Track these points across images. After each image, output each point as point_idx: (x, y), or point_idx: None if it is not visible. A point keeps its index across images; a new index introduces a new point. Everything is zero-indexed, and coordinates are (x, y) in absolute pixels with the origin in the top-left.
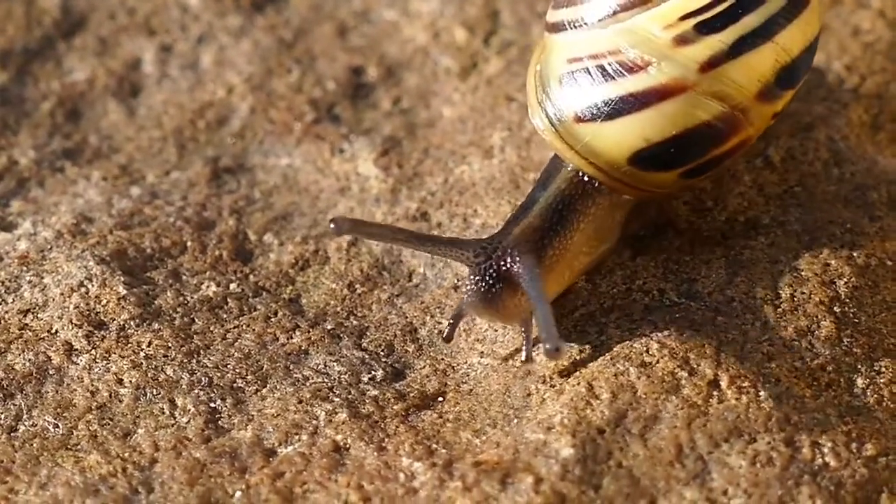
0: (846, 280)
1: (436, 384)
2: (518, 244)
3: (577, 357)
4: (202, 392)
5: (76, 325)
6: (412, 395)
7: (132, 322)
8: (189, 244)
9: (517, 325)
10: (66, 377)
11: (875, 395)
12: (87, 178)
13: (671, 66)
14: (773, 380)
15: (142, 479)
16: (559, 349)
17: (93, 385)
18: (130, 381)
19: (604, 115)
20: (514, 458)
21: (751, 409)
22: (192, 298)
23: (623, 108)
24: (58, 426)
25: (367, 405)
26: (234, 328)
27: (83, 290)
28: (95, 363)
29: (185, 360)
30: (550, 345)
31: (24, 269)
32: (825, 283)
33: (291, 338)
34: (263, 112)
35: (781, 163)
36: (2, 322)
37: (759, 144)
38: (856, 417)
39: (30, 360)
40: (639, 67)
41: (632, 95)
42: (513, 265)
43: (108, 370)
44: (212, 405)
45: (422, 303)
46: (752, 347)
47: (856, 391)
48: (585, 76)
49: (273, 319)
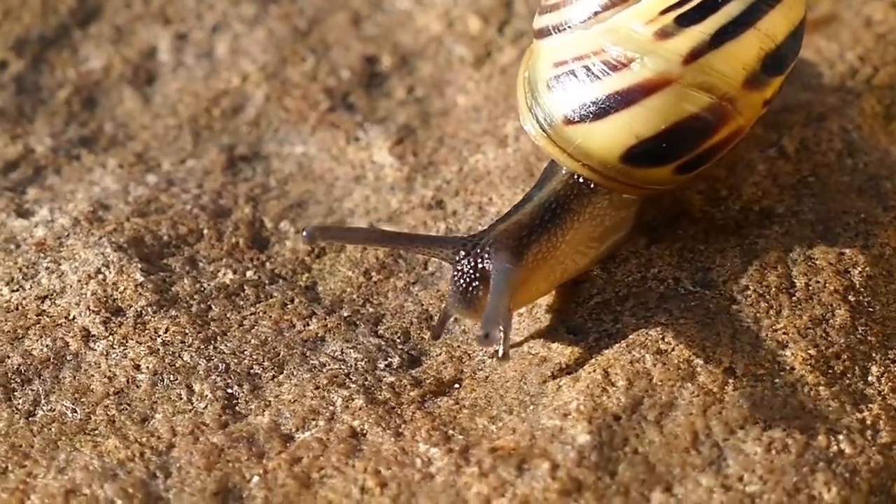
0: (860, 269)
1: (452, 371)
2: (497, 241)
3: (593, 344)
4: (219, 378)
5: (93, 312)
6: (428, 382)
7: (149, 308)
8: (205, 232)
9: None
10: (84, 363)
11: (889, 384)
12: (103, 166)
13: (654, 61)
14: (788, 368)
15: (159, 464)
16: (489, 336)
17: (110, 371)
18: (148, 367)
19: (592, 116)
20: (531, 445)
21: (766, 397)
22: (209, 285)
23: (611, 107)
24: (76, 411)
25: (384, 391)
26: (251, 315)
27: (100, 277)
28: (113, 349)
29: (203, 347)
30: (483, 330)
31: (42, 256)
32: (839, 272)
33: (308, 325)
34: (278, 100)
35: (795, 153)
36: (19, 308)
37: (773, 135)
38: (870, 405)
39: (47, 346)
40: (622, 65)
41: (618, 93)
42: (488, 262)
43: (126, 356)
44: (229, 391)
45: (437, 291)
46: (767, 335)
47: (870, 379)
48: (571, 78)
49: (289, 306)
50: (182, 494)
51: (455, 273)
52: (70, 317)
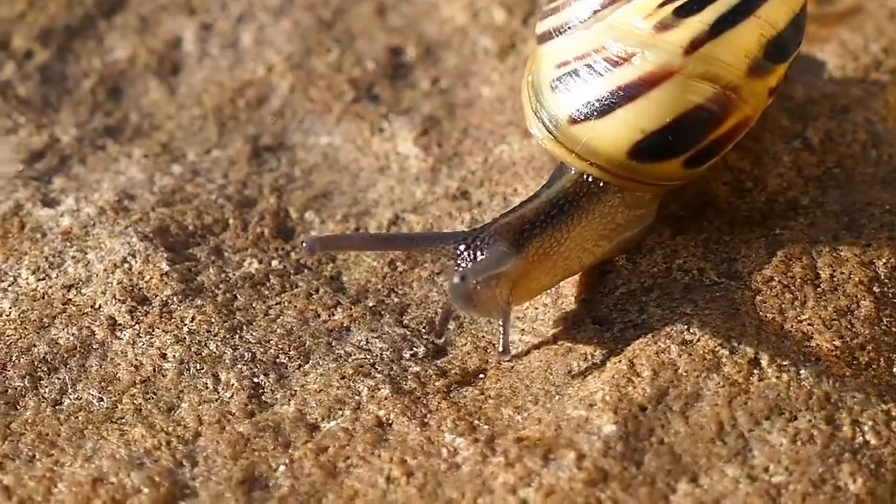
0: (885, 260)
1: (477, 361)
2: (497, 232)
3: (619, 335)
4: (245, 367)
5: (119, 301)
6: (454, 372)
7: (175, 298)
8: (231, 221)
9: (495, 319)
10: (110, 351)
11: None
12: (129, 156)
13: (655, 54)
14: (813, 359)
15: (186, 453)
16: (465, 279)
17: (136, 359)
18: (174, 356)
19: (597, 113)
20: (557, 435)
21: (791, 388)
22: (235, 275)
23: (614, 103)
24: (102, 400)
25: (410, 381)
26: (276, 304)
27: (126, 266)
28: (139, 338)
29: (228, 336)
30: (461, 273)
31: (68, 245)
32: (864, 264)
33: (333, 314)
34: (303, 91)
35: (820, 145)
36: (46, 297)
37: (798, 127)
38: (895, 396)
39: (73, 335)
40: (624, 60)
41: (620, 88)
42: (486, 251)
43: (152, 345)
44: (255, 380)
45: None
46: (792, 326)
47: (895, 370)
48: (574, 77)
49: (315, 296)
50: (208, 483)
51: (455, 268)
52: (96, 306)
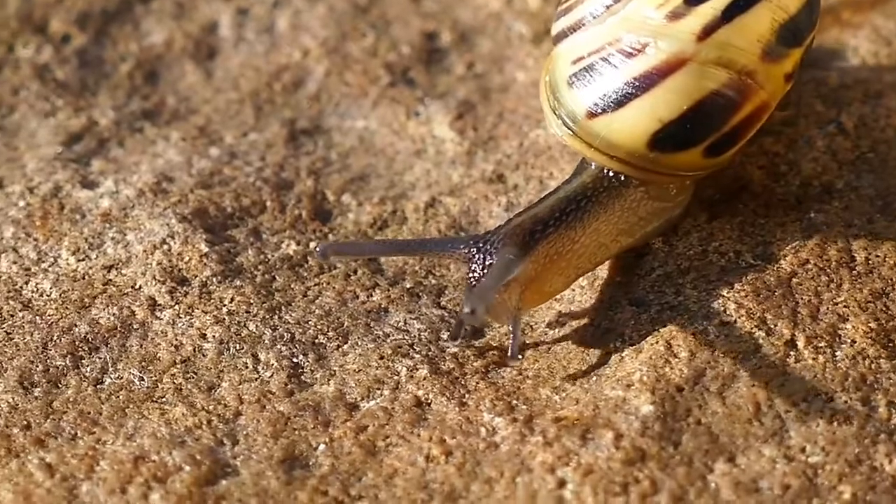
0: None
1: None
2: (507, 235)
3: (656, 316)
4: (284, 347)
5: (159, 281)
6: (491, 353)
7: (214, 279)
8: (268, 204)
9: (505, 324)
10: (150, 331)
11: None
12: (166, 139)
13: (668, 42)
14: (849, 340)
15: (226, 432)
16: (474, 312)
17: (177, 339)
18: (214, 336)
19: (613, 105)
20: (595, 414)
21: (827, 369)
22: (273, 256)
23: (630, 94)
24: (143, 379)
25: (448, 362)
26: (315, 286)
27: (165, 248)
28: (179, 318)
29: (267, 316)
30: (468, 305)
31: (107, 226)
32: None
33: (371, 296)
34: (339, 75)
35: (854, 129)
36: (86, 277)
37: (832, 111)
38: None
39: (114, 315)
40: (638, 51)
41: (635, 79)
42: (494, 256)
43: (192, 325)
44: (294, 360)
45: None
46: (828, 309)
47: None
48: (590, 71)
49: (353, 277)
50: (249, 461)
51: (468, 272)
52: (136, 286)
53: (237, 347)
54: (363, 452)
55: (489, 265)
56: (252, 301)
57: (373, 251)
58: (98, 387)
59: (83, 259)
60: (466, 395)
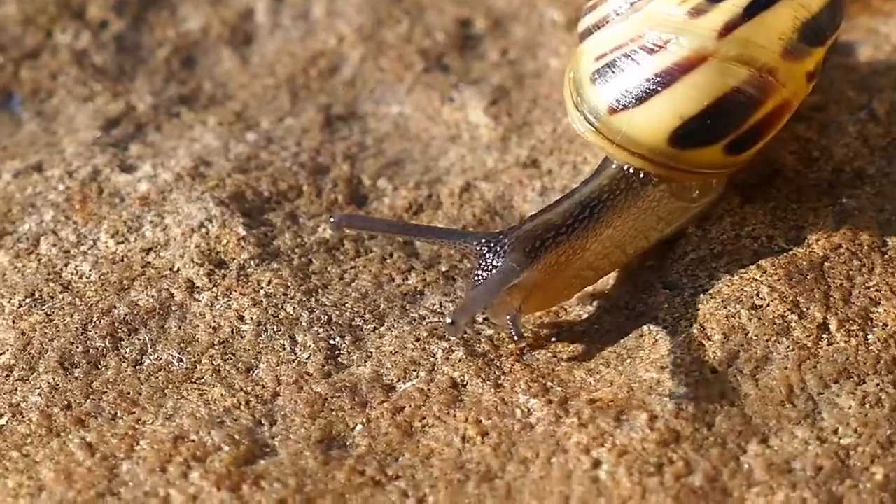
0: None
1: (549, 325)
2: (517, 240)
3: (689, 300)
4: (321, 329)
5: (197, 264)
6: (526, 336)
7: (252, 262)
8: (305, 188)
9: (503, 323)
10: (189, 313)
11: None
12: (204, 124)
13: (690, 39)
14: (881, 324)
15: (265, 412)
16: (455, 324)
17: (215, 321)
18: (251, 318)
19: (635, 100)
20: (629, 396)
21: (859, 352)
22: (310, 240)
23: (651, 90)
24: (182, 360)
25: (483, 344)
26: (351, 269)
27: (203, 231)
28: (217, 300)
29: (304, 299)
30: (451, 316)
31: (146, 210)
32: None
33: (407, 279)
34: (374, 61)
35: (886, 115)
36: (125, 259)
37: (863, 97)
38: None
39: (153, 297)
40: (660, 47)
41: (657, 74)
42: (500, 260)
43: (230, 307)
44: (331, 342)
45: None
46: (860, 292)
47: None
48: (612, 67)
49: (388, 261)
50: (287, 441)
51: (475, 268)
52: (174, 269)
53: (275, 329)
54: (400, 433)
55: (494, 267)
56: (289, 284)
57: (384, 229)
58: (137, 368)
59: (122, 242)
60: (502, 377)
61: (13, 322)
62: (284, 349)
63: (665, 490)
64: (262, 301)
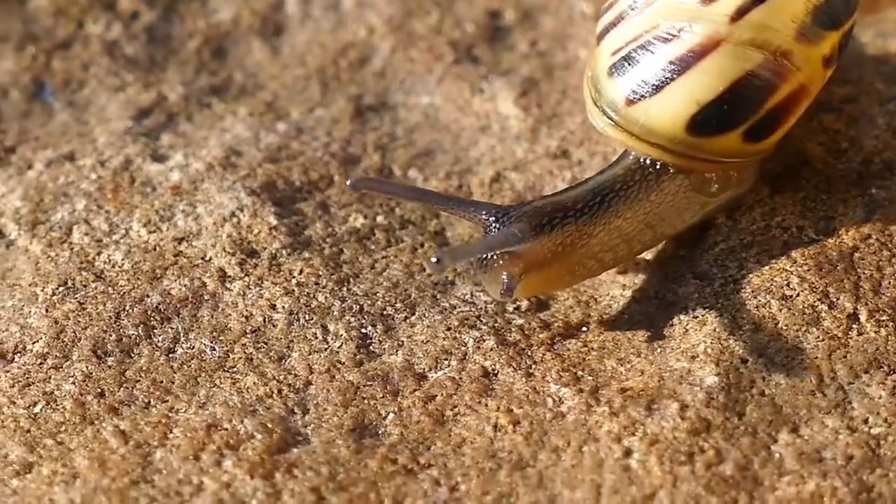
0: None
1: (579, 314)
2: (524, 213)
3: (719, 290)
4: (353, 318)
5: (229, 253)
6: (557, 325)
7: (283, 251)
8: (336, 178)
9: (493, 296)
10: (221, 302)
11: None
12: (234, 114)
13: (702, 25)
14: None
15: (297, 401)
16: (439, 261)
17: (247, 310)
18: (283, 307)
19: (651, 90)
20: (660, 385)
21: (889, 342)
22: (341, 229)
23: (666, 78)
24: (214, 349)
25: (514, 333)
26: (382, 258)
27: (235, 220)
28: (249, 289)
29: (336, 288)
30: (438, 255)
31: (177, 199)
32: None
33: None
34: (404, 52)
35: None
36: (157, 248)
37: (892, 89)
38: None
39: (185, 286)
40: (673, 36)
41: (671, 62)
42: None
43: (262, 296)
44: (363, 331)
45: None
46: (890, 283)
47: None
48: (628, 60)
49: (420, 251)
50: (320, 430)
51: (481, 237)
52: (206, 258)
53: (306, 318)
54: (431, 421)
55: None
56: (321, 273)
57: (399, 193)
58: (170, 356)
59: (154, 231)
60: (533, 366)
61: (46, 310)
62: (316, 338)
63: (696, 478)
64: (294, 290)
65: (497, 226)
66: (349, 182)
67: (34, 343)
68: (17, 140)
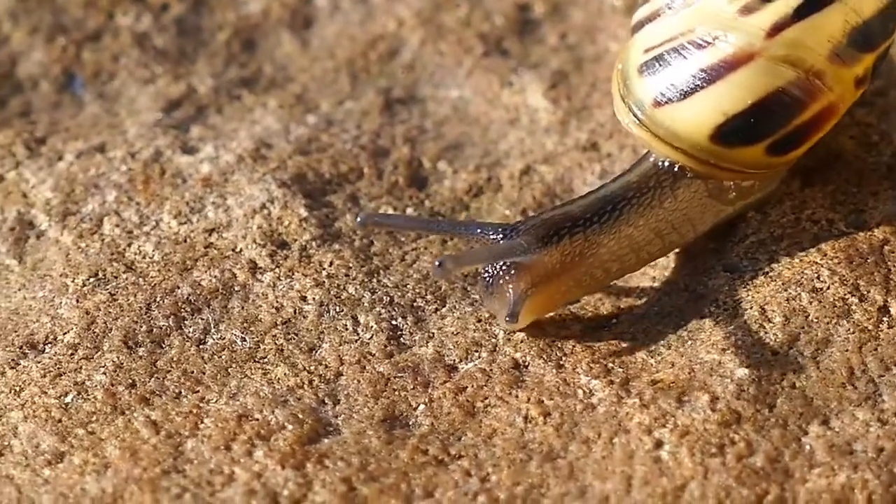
0: None
1: (609, 307)
2: (532, 226)
3: (749, 282)
4: (383, 310)
5: (259, 245)
6: (587, 317)
7: (314, 243)
8: (365, 170)
9: (497, 316)
10: (252, 293)
11: None
12: (264, 106)
13: (738, 36)
14: None
15: (328, 392)
16: (442, 265)
17: (277, 301)
18: (314, 299)
19: (680, 94)
20: (690, 377)
21: None
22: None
23: (696, 85)
24: (245, 340)
25: (544, 325)
26: (412, 250)
27: (265, 212)
28: (279, 281)
29: (366, 280)
30: (441, 258)
31: (208, 191)
32: None
33: None
34: (433, 45)
35: None
36: (188, 240)
37: None
38: None
39: (216, 277)
40: (707, 43)
41: (703, 70)
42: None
43: (292, 287)
44: (393, 322)
45: None
46: None
47: None
48: (660, 61)
49: (449, 243)
50: (350, 420)
51: None
52: (237, 249)
53: (337, 310)
54: (462, 413)
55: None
56: (351, 265)
57: (408, 226)
58: (201, 347)
59: (185, 222)
60: (563, 358)
61: (77, 301)
62: (347, 329)
63: (727, 470)
64: (325, 282)
65: (505, 241)
66: (358, 219)
67: (65, 334)
68: (48, 131)
